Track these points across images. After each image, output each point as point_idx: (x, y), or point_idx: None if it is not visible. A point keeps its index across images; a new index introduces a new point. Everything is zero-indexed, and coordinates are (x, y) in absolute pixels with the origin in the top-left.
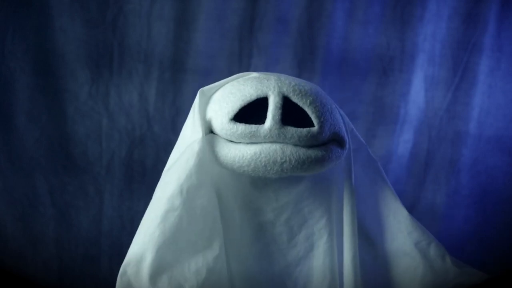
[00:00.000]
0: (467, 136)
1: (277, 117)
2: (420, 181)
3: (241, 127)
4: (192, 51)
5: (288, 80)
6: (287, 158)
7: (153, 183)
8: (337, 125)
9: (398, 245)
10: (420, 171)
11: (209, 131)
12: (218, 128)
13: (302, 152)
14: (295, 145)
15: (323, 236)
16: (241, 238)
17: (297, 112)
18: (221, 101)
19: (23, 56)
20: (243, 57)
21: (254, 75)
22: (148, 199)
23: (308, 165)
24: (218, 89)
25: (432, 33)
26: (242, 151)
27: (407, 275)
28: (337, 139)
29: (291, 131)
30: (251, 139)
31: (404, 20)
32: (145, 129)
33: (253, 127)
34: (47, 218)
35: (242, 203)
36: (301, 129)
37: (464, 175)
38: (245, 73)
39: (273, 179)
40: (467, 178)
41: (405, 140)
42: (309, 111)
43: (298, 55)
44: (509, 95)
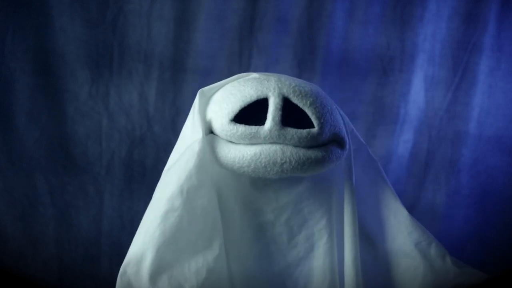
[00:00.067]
0: (467, 136)
1: (277, 118)
2: (420, 181)
3: (241, 128)
4: (192, 51)
5: (288, 81)
6: (287, 159)
7: (153, 183)
8: (337, 126)
9: (398, 245)
10: (420, 171)
11: (209, 131)
12: (218, 129)
13: (302, 153)
14: (295, 146)
15: (323, 237)
16: (241, 238)
17: (297, 113)
18: (221, 102)
19: (23, 56)
20: (243, 57)
21: (254, 75)
22: (148, 199)
23: (308, 166)
24: (218, 89)
25: (432, 33)
26: (242, 152)
27: (408, 275)
28: (337, 139)
29: (291, 132)
30: (251, 140)
31: (404, 20)
32: (145, 129)
33: (253, 128)
34: (47, 218)
35: (242, 204)
36: (301, 130)
37: (464, 175)
38: (245, 73)
39: (273, 179)
40: (467, 178)
41: (405, 140)
42: (309, 112)
43: (298, 55)
44: (509, 95)
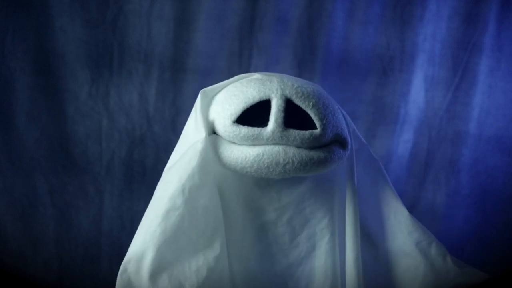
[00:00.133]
0: (467, 136)
1: (280, 120)
2: (420, 181)
3: (244, 129)
4: (192, 51)
5: (290, 81)
6: (290, 160)
7: (153, 183)
8: (339, 126)
9: (399, 245)
10: (420, 171)
11: (212, 131)
12: (221, 129)
13: (305, 153)
14: (298, 147)
15: (325, 236)
16: (243, 238)
17: (299, 114)
18: (223, 103)
19: (23, 56)
20: (243, 57)
21: (257, 76)
22: (148, 199)
23: (310, 166)
24: (220, 90)
25: (432, 33)
26: (245, 153)
27: (408, 275)
28: (339, 140)
29: (293, 133)
30: (254, 141)
31: (404, 20)
32: (145, 129)
33: (255, 130)
34: (47, 218)
35: (244, 203)
36: (304, 131)
37: (464, 175)
38: (248, 74)
39: (275, 179)
40: (467, 178)
41: (405, 140)
42: (311, 114)
43: (298, 55)
44: (509, 95)
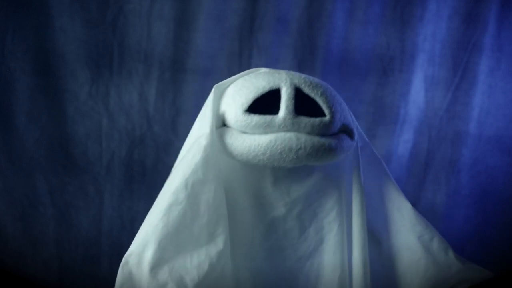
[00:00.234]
0: (467, 136)
1: (291, 107)
2: (420, 181)
3: (255, 117)
4: (192, 51)
5: (297, 74)
6: (302, 145)
7: (153, 183)
8: (346, 117)
9: (402, 238)
10: (420, 171)
11: (222, 124)
12: (232, 120)
13: (316, 139)
14: (308, 133)
15: (333, 229)
16: (253, 233)
17: (308, 103)
18: (234, 94)
19: (23, 56)
20: (243, 57)
21: (264, 70)
22: (148, 199)
23: (322, 152)
24: (230, 84)
25: (432, 33)
26: (257, 140)
27: (410, 268)
28: (347, 131)
29: (304, 120)
30: (266, 129)
31: (404, 20)
32: (145, 129)
33: (267, 118)
34: (47, 218)
35: (254, 199)
36: (314, 118)
37: (464, 175)
38: (255, 69)
39: (284, 173)
40: (467, 178)
41: (405, 140)
42: (320, 102)
43: (298, 55)
44: (509, 95)
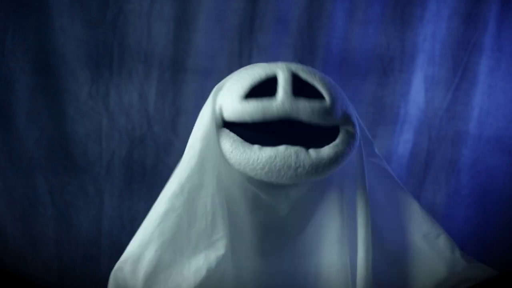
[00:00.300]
0: (467, 136)
1: (289, 90)
2: (420, 181)
3: (253, 103)
4: (192, 51)
5: (294, 63)
6: (301, 163)
7: (153, 183)
8: (348, 106)
9: (407, 236)
10: (420, 171)
11: (221, 121)
12: (229, 110)
13: (315, 156)
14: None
15: (332, 227)
16: (251, 236)
17: (306, 90)
18: (230, 87)
19: (23, 56)
20: (243, 57)
21: (261, 63)
22: (148, 199)
23: (322, 169)
24: (228, 80)
25: (432, 33)
26: (258, 154)
27: (415, 266)
28: (348, 122)
29: (303, 103)
30: (265, 115)
31: (404, 20)
32: (145, 129)
33: (264, 101)
34: (47, 218)
35: (253, 200)
36: (313, 100)
37: (464, 175)
38: (250, 65)
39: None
40: (467, 178)
41: (405, 140)
42: (318, 86)
43: (298, 55)
44: (509, 95)
